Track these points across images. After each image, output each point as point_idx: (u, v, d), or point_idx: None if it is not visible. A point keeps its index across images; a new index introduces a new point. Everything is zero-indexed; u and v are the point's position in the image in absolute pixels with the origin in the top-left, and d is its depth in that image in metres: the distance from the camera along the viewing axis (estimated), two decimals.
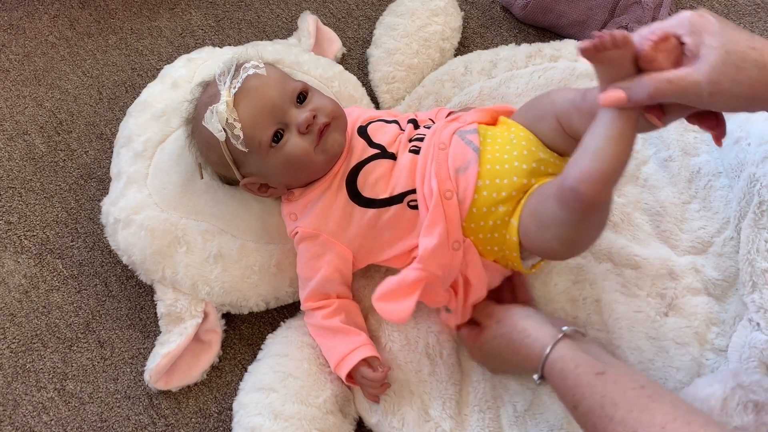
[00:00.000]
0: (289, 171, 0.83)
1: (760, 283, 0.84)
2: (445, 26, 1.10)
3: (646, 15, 1.09)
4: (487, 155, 0.81)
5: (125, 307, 0.98)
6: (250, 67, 0.81)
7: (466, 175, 0.80)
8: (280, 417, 0.81)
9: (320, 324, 0.86)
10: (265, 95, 0.81)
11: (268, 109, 0.81)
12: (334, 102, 0.84)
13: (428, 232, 0.80)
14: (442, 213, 0.80)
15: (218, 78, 0.82)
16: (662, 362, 0.86)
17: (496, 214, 0.79)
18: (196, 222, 0.91)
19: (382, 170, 0.83)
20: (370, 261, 0.88)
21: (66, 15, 1.18)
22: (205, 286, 0.90)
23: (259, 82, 0.81)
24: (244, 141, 0.80)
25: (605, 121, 0.66)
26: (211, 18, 1.18)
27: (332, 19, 1.19)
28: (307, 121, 0.80)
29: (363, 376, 0.83)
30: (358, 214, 0.83)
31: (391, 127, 0.87)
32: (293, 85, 0.83)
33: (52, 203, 1.04)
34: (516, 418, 0.85)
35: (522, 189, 0.79)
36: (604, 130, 0.66)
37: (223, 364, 0.94)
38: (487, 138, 0.82)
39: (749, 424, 0.69)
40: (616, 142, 0.65)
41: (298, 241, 0.86)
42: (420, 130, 0.86)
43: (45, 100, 1.11)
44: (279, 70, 0.86)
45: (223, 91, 0.80)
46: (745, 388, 0.72)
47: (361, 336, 0.85)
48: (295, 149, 0.81)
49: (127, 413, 0.92)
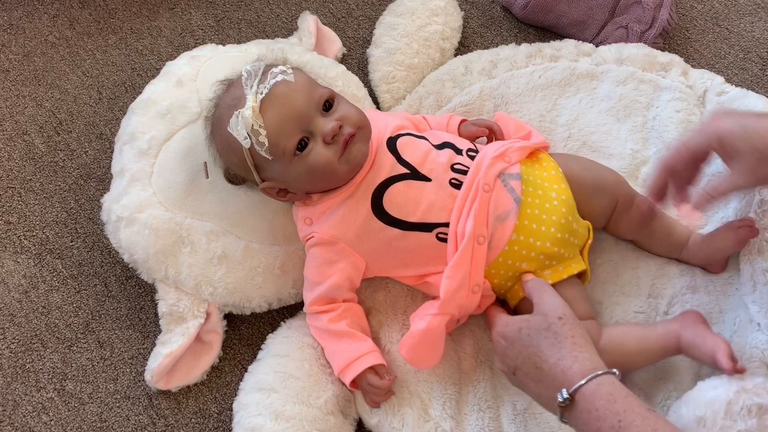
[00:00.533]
0: (311, 179, 0.82)
1: (760, 283, 0.84)
2: (446, 26, 1.10)
3: (646, 15, 1.09)
4: (527, 209, 0.83)
5: (125, 308, 0.97)
6: (278, 72, 0.79)
7: (504, 225, 0.82)
8: (280, 417, 0.81)
9: (326, 327, 0.85)
10: (292, 103, 0.79)
11: (294, 117, 0.79)
12: (360, 111, 0.83)
13: (452, 274, 0.80)
14: (470, 257, 0.80)
15: (245, 81, 0.80)
16: (663, 363, 0.86)
17: (519, 269, 0.83)
18: (200, 222, 0.90)
19: (412, 193, 0.83)
20: (382, 274, 0.89)
21: (66, 15, 1.18)
22: (208, 287, 0.90)
23: (286, 88, 0.80)
24: (269, 149, 0.79)
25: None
26: (211, 18, 1.18)
27: (332, 19, 1.18)
28: (333, 132, 0.79)
29: (369, 383, 0.83)
30: (379, 229, 0.83)
31: (421, 144, 0.86)
32: (320, 92, 0.82)
33: (52, 203, 1.03)
34: (515, 417, 0.85)
35: (549, 255, 0.83)
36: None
37: (223, 364, 0.94)
38: (528, 187, 0.84)
39: (753, 428, 0.69)
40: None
41: (311, 245, 0.86)
42: (462, 158, 0.85)
43: (45, 100, 1.11)
44: (306, 76, 0.85)
45: (249, 96, 0.79)
46: (749, 392, 0.71)
47: (368, 342, 0.85)
48: (320, 159, 0.80)
49: (126, 413, 0.92)
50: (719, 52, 1.14)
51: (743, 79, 1.11)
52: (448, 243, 0.82)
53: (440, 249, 0.82)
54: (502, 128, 0.95)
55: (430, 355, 0.82)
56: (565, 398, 0.67)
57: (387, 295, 0.92)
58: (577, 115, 1.01)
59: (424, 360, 0.82)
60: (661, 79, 1.02)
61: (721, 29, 1.16)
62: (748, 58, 1.13)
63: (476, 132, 0.93)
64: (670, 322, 0.82)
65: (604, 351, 0.76)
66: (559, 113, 1.02)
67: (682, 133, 0.99)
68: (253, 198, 0.91)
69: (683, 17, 1.17)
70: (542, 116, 1.02)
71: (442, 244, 0.82)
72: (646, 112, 1.01)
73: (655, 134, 0.99)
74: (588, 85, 1.03)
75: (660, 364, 0.86)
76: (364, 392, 0.85)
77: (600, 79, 1.03)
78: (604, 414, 0.65)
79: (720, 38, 1.15)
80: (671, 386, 0.85)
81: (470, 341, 0.91)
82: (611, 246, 0.93)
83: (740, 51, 1.14)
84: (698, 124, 0.71)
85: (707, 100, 1.00)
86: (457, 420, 0.85)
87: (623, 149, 0.99)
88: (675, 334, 0.80)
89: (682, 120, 0.99)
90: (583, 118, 1.01)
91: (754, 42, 1.15)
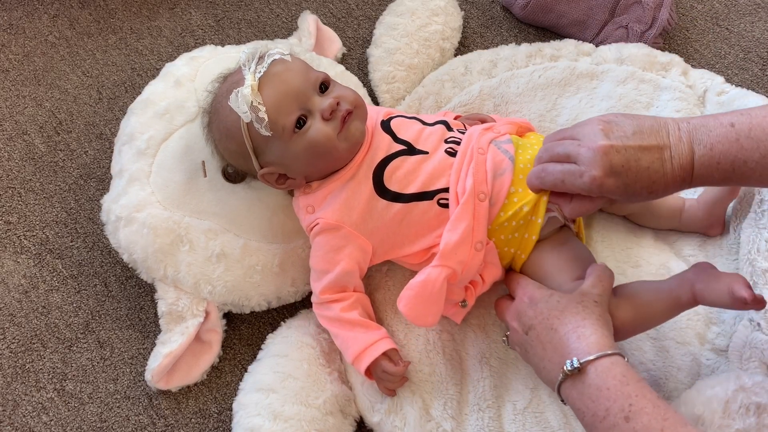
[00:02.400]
0: (312, 158, 0.83)
1: (760, 283, 0.84)
2: (446, 26, 1.10)
3: (646, 15, 1.09)
4: (520, 164, 0.84)
5: (125, 308, 0.97)
6: (275, 53, 0.82)
7: (502, 179, 0.83)
8: (279, 418, 0.81)
9: (338, 316, 0.85)
10: (290, 80, 0.81)
11: (292, 94, 0.81)
12: (355, 92, 0.85)
13: (453, 227, 0.81)
14: (472, 211, 0.81)
15: (243, 64, 0.82)
16: (663, 362, 0.86)
17: (521, 214, 0.82)
18: (199, 221, 0.90)
19: (410, 166, 0.84)
20: (389, 256, 0.88)
21: (66, 15, 1.18)
22: (207, 285, 0.90)
23: (283, 67, 0.82)
24: (269, 124, 0.80)
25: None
26: (211, 18, 1.18)
27: (332, 18, 1.18)
28: (331, 107, 0.81)
29: (384, 370, 0.83)
30: (382, 207, 0.84)
31: (413, 123, 0.88)
32: (316, 75, 0.84)
33: (52, 203, 1.04)
34: (515, 416, 0.85)
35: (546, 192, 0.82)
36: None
37: (222, 364, 0.94)
38: (519, 148, 0.86)
39: (751, 427, 0.69)
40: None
41: (316, 233, 0.85)
42: (454, 133, 0.88)
43: (45, 100, 1.11)
44: (302, 60, 0.87)
45: (248, 76, 0.80)
46: (748, 390, 0.71)
47: (381, 330, 0.86)
48: (319, 135, 0.81)
49: (126, 413, 0.92)
50: (719, 52, 1.14)
51: (743, 79, 1.11)
52: (450, 203, 0.82)
53: (443, 215, 0.83)
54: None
55: (429, 311, 0.80)
56: (574, 366, 0.66)
57: (386, 293, 0.92)
58: (577, 115, 1.01)
59: (422, 316, 0.80)
60: (661, 78, 1.02)
61: (721, 29, 1.16)
62: (748, 58, 1.13)
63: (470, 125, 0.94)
64: (682, 273, 0.80)
65: (618, 305, 0.76)
66: (559, 113, 1.02)
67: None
68: (251, 196, 0.91)
69: (683, 17, 1.17)
70: (542, 116, 1.02)
71: (445, 210, 0.83)
72: (646, 111, 1.01)
73: None
74: (588, 84, 1.03)
75: (661, 363, 0.86)
76: (378, 380, 0.85)
77: (600, 79, 1.03)
78: (616, 394, 0.63)
79: (720, 38, 1.15)
80: (672, 386, 0.85)
81: (471, 341, 0.90)
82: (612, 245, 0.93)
83: (740, 51, 1.14)
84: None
85: (707, 99, 1.00)
86: (458, 420, 0.85)
87: None
88: (689, 283, 0.77)
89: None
90: (584, 117, 1.00)
91: (754, 42, 1.15)
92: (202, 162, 0.91)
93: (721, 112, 0.97)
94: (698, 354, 0.86)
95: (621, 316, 0.75)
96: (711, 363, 0.85)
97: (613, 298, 0.77)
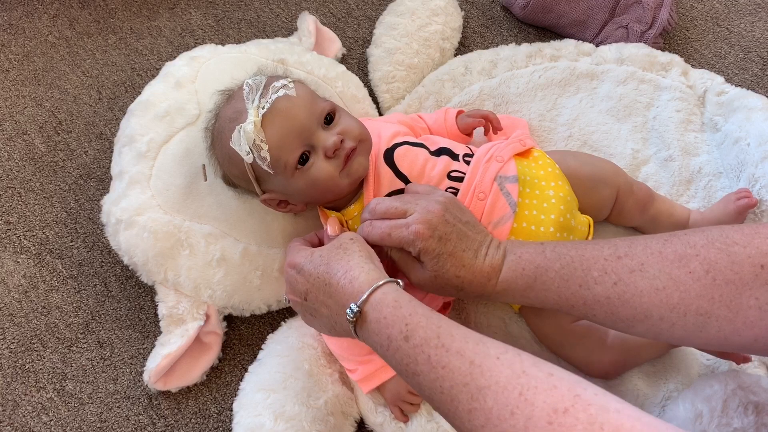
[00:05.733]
0: (313, 192, 0.82)
1: None
2: (446, 26, 1.10)
3: (646, 15, 1.09)
4: (524, 211, 0.82)
5: (125, 308, 0.97)
6: (279, 87, 0.79)
7: (500, 230, 0.82)
8: (280, 418, 0.81)
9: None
10: (294, 117, 0.79)
11: (295, 132, 0.79)
12: (361, 124, 0.83)
13: None
14: None
15: (246, 95, 0.80)
16: (662, 362, 0.86)
17: None
18: (199, 225, 0.90)
19: None
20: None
21: (65, 15, 1.18)
22: (207, 290, 0.90)
23: (288, 103, 0.79)
24: (271, 163, 0.79)
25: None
26: (211, 18, 1.18)
27: (332, 18, 1.18)
28: (335, 146, 0.79)
29: (403, 399, 0.84)
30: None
31: (418, 153, 0.85)
32: (321, 106, 0.82)
33: (52, 203, 1.03)
34: None
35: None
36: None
37: (223, 364, 0.94)
38: (525, 188, 0.84)
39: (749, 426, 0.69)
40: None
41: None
42: (458, 164, 0.85)
43: (44, 100, 1.11)
44: (307, 88, 0.85)
45: (251, 110, 0.78)
46: (746, 389, 0.71)
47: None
48: (321, 173, 0.80)
49: (126, 413, 0.92)
50: (719, 52, 1.14)
51: (743, 79, 1.11)
52: None
53: None
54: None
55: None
56: (355, 312, 0.67)
57: None
58: (577, 115, 1.01)
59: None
60: (661, 79, 1.02)
61: (722, 29, 1.16)
62: (749, 58, 1.13)
63: (473, 123, 0.94)
64: None
65: (612, 347, 0.79)
66: (560, 113, 1.02)
67: (682, 133, 0.99)
68: (251, 201, 0.91)
69: (683, 17, 1.17)
70: (542, 116, 1.02)
71: None
72: (647, 111, 1.01)
73: (656, 134, 0.99)
74: (588, 84, 1.03)
75: (660, 364, 0.86)
76: (393, 406, 0.85)
77: (600, 79, 1.03)
78: (392, 320, 0.65)
79: (720, 38, 1.15)
80: (672, 386, 0.85)
81: None
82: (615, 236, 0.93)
83: (740, 51, 1.14)
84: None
85: (707, 99, 1.00)
86: None
87: (623, 149, 0.99)
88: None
89: (683, 120, 0.99)
90: (584, 117, 1.01)
91: (755, 42, 1.15)
92: (203, 166, 0.91)
93: (721, 111, 0.98)
94: (697, 353, 0.86)
95: (611, 357, 0.80)
96: (710, 363, 0.86)
97: (606, 339, 0.81)
